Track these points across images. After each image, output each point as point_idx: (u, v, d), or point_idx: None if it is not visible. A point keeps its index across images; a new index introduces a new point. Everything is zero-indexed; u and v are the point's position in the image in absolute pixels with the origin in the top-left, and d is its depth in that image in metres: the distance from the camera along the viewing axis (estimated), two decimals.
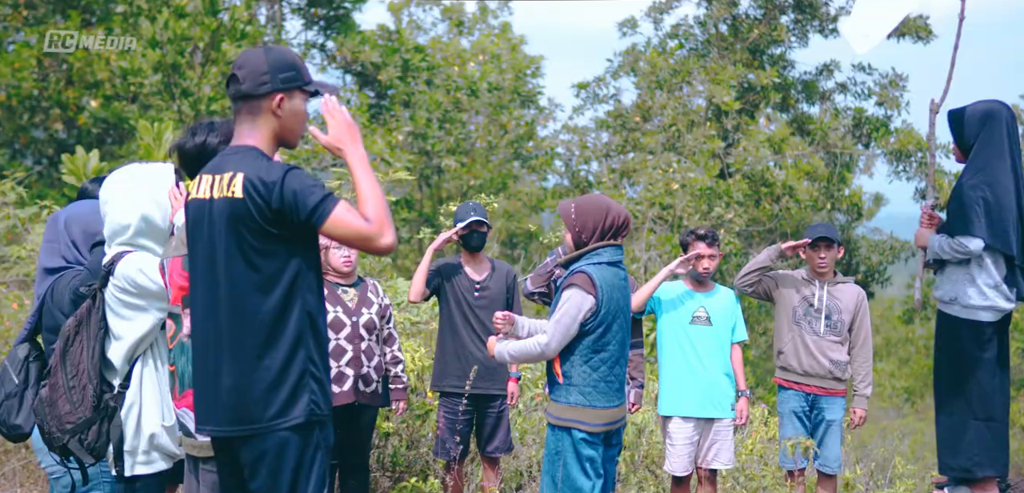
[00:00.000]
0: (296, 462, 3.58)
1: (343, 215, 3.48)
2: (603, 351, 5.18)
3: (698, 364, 7.00)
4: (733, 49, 22.19)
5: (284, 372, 3.55)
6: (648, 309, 7.13)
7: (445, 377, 7.10)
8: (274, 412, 3.55)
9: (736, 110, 21.17)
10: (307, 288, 3.62)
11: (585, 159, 23.06)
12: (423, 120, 22.81)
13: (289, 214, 3.48)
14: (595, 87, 23.27)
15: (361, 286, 6.81)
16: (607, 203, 5.31)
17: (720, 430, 7.06)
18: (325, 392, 3.66)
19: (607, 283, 5.16)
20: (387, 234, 3.51)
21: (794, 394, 7.28)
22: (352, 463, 6.75)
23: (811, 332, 7.21)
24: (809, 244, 7.26)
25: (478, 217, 7.10)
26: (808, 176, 21.27)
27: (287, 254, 3.56)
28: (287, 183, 3.48)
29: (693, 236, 7.13)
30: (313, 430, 3.63)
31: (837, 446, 7.30)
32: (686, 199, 19.24)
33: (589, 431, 5.18)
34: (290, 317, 3.57)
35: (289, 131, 3.71)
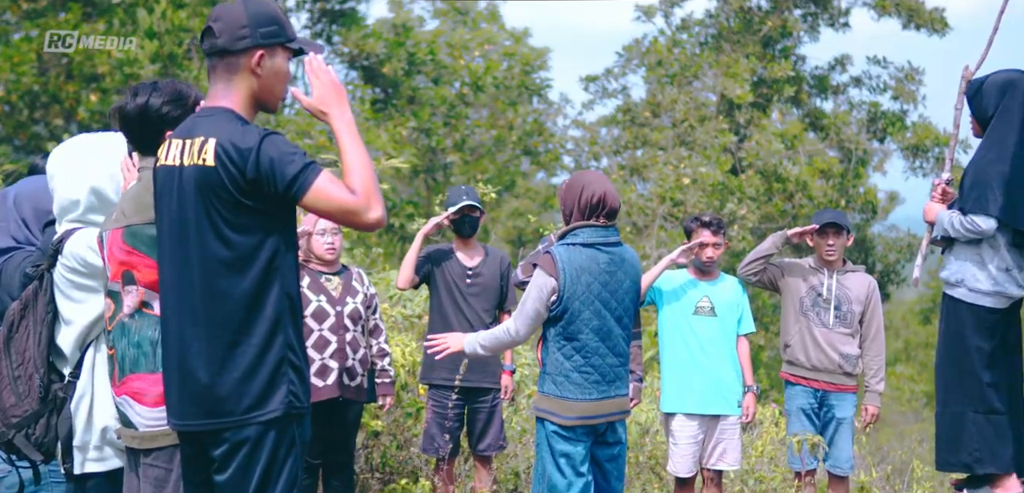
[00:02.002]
0: (269, 459, 3.25)
1: (326, 187, 3.15)
2: (575, 340, 4.89)
3: (702, 357, 6.67)
4: (744, 42, 21.82)
5: (260, 360, 3.23)
6: (648, 299, 6.80)
7: (434, 369, 6.77)
8: (249, 404, 3.22)
9: (749, 104, 20.80)
10: (287, 268, 3.30)
11: (595, 155, 22.74)
12: (428, 116, 22.52)
13: (266, 185, 3.15)
14: (604, 80, 22.94)
15: (345, 274, 6.49)
16: (585, 181, 5.01)
17: (726, 428, 6.73)
18: (305, 383, 3.33)
19: (574, 265, 4.87)
20: (375, 208, 3.17)
21: (802, 390, 6.92)
22: (336, 461, 6.43)
23: (819, 324, 6.85)
24: (816, 230, 6.91)
25: (470, 201, 6.77)
26: (822, 173, 20.92)
27: (264, 230, 3.23)
28: (264, 150, 3.14)
29: (697, 223, 6.80)
30: (290, 426, 3.30)
31: (848, 446, 6.95)
32: (697, 194, 18.92)
33: (561, 424, 4.89)
34: (267, 299, 3.24)
35: (269, 92, 3.37)
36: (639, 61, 22.57)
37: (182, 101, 3.80)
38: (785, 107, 22.24)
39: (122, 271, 3.65)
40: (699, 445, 6.71)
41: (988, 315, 5.56)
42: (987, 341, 5.58)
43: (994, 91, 5.58)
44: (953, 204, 5.73)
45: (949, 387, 5.73)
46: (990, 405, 5.60)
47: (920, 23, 21.29)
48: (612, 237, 5.00)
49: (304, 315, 6.16)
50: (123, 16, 17.81)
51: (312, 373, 6.16)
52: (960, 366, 5.66)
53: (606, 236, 4.97)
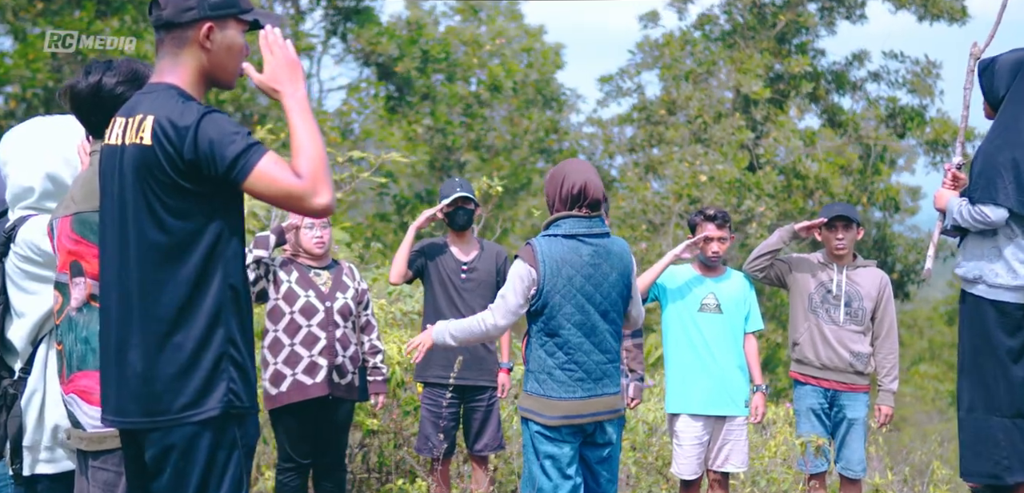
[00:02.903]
0: (206, 462, 3.00)
1: (270, 169, 2.90)
2: (557, 335, 4.67)
3: (708, 356, 6.43)
4: (759, 37, 21.52)
5: (198, 354, 2.99)
6: (652, 296, 6.55)
7: (428, 366, 6.54)
8: (185, 402, 2.98)
9: (766, 100, 20.50)
10: (230, 256, 3.04)
11: (609, 153, 22.49)
12: (443, 115, 22.31)
13: (205, 167, 2.92)
14: (619, 79, 22.68)
15: (335, 269, 6.29)
16: (566, 170, 4.80)
17: (732, 429, 6.49)
18: (248, 381, 3.08)
19: (555, 257, 4.65)
20: (322, 193, 2.93)
21: (811, 390, 6.65)
22: (327, 463, 6.22)
23: (829, 321, 6.59)
24: (825, 224, 6.64)
25: (464, 192, 6.54)
26: (842, 170, 20.60)
27: (205, 215, 2.99)
28: (202, 129, 2.91)
29: (701, 216, 6.55)
30: (230, 426, 3.04)
31: (860, 447, 6.67)
32: (714, 192, 18.64)
33: (545, 424, 4.66)
34: (207, 290, 3.00)
35: (221, 68, 3.12)
36: (652, 59, 22.30)
37: (138, 81, 3.58)
38: (803, 103, 21.90)
39: (70, 261, 3.43)
40: (704, 446, 6.47)
41: (1017, 311, 5.25)
42: (1014, 338, 5.27)
43: (1006, 71, 5.28)
44: (965, 191, 5.43)
45: (974, 391, 5.40)
46: (1020, 408, 5.28)
47: (937, 13, 20.90)
48: (597, 228, 4.77)
49: (292, 310, 6.00)
50: (135, 14, 17.66)
51: (300, 370, 5.97)
52: (985, 368, 5.33)
53: (590, 227, 4.74)
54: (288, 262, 6.18)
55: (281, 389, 6.01)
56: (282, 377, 6.00)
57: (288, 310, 6.04)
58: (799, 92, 21.42)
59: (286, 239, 6.18)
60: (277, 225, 6.23)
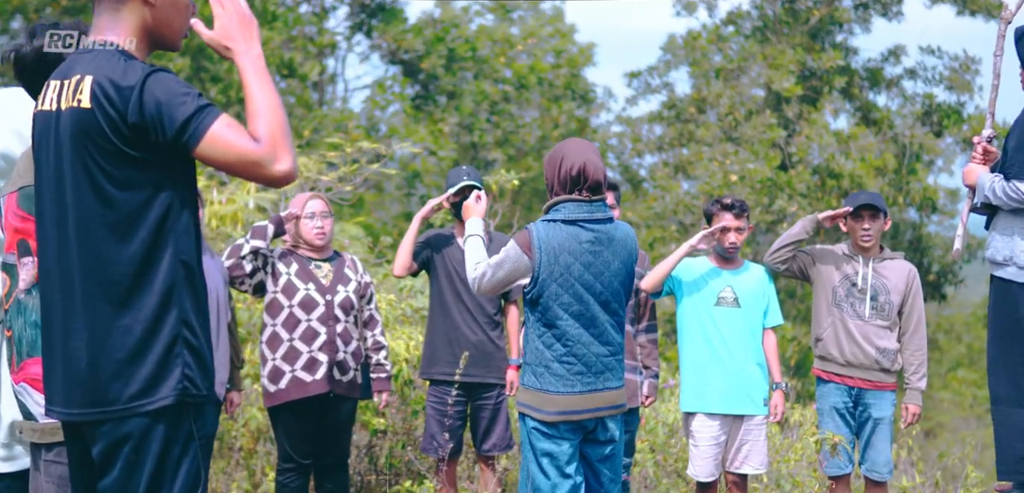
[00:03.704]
0: (159, 456, 2.75)
1: (224, 133, 2.66)
2: (554, 326, 4.42)
3: (725, 352, 6.14)
4: (791, 34, 21.13)
5: (149, 338, 2.74)
6: (666, 290, 6.27)
7: (434, 363, 6.29)
8: (135, 391, 2.73)
9: (798, 97, 20.11)
10: (183, 231, 2.80)
11: (638, 152, 22.17)
12: (469, 112, 22.08)
13: (152, 131, 2.67)
14: (647, 77, 22.35)
15: (337, 261, 6.06)
16: (565, 151, 4.54)
17: (751, 429, 6.20)
18: (204, 367, 2.84)
19: (552, 244, 4.40)
20: (282, 159, 2.68)
21: (835, 388, 6.35)
22: (328, 462, 5.99)
23: (854, 316, 6.28)
24: (850, 213, 6.33)
25: (471, 181, 6.28)
26: (877, 169, 20.18)
27: (153, 185, 2.74)
28: (148, 89, 2.66)
29: (718, 206, 6.26)
30: (184, 417, 2.80)
31: (887, 448, 6.37)
32: (746, 192, 18.29)
33: (542, 420, 4.41)
34: (158, 267, 2.75)
35: (165, 25, 2.88)
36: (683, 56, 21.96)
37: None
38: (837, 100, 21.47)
39: (17, 240, 3.22)
40: (721, 447, 6.19)
41: None
42: None
43: None
44: (996, 166, 5.11)
45: (1002, 382, 5.10)
46: None
47: (974, 8, 20.43)
48: (598, 213, 4.50)
49: (291, 303, 5.77)
50: None
51: (299, 366, 5.75)
52: (1014, 356, 5.02)
53: (591, 212, 4.48)
54: (287, 254, 5.96)
55: (280, 386, 5.79)
56: (281, 374, 5.78)
57: (287, 303, 5.82)
58: (832, 88, 21.01)
59: (285, 229, 5.96)
60: (276, 215, 6.01)
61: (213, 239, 7.73)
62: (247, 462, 7.10)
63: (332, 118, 17.99)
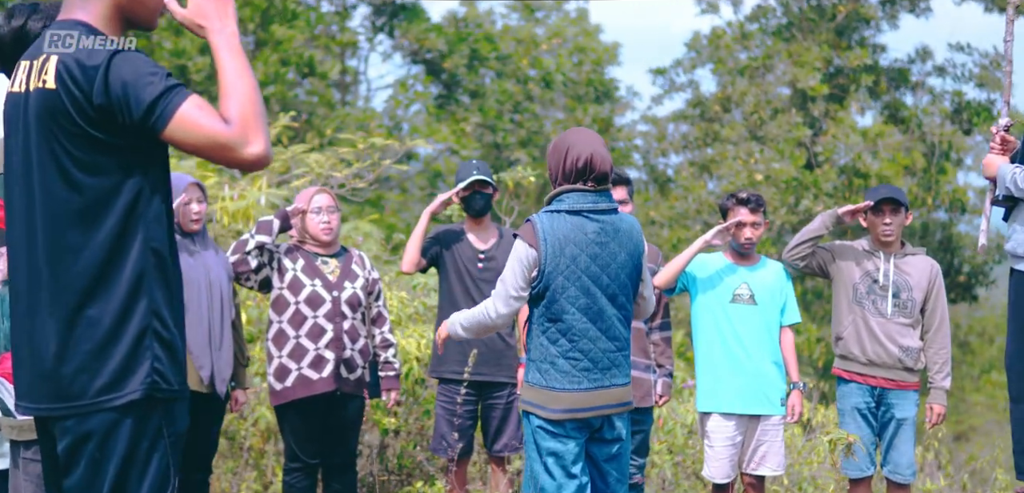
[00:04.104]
0: (126, 453, 2.64)
1: (193, 115, 2.54)
2: (560, 320, 4.26)
3: (740, 351, 5.98)
4: (818, 31, 20.86)
5: (117, 330, 2.63)
6: (680, 287, 6.11)
7: (443, 361, 6.16)
8: (102, 384, 2.62)
9: (823, 96, 19.85)
10: (153, 218, 2.68)
11: (663, 151, 21.97)
12: (493, 112, 21.94)
13: (118, 113, 2.55)
14: (672, 73, 22.14)
15: (344, 257, 5.95)
16: (570, 141, 4.38)
17: (768, 429, 6.03)
18: (176, 360, 2.72)
19: (557, 235, 4.24)
20: (254, 142, 2.56)
21: (857, 388, 6.16)
22: (336, 463, 5.88)
23: (876, 313, 6.10)
24: (871, 207, 6.15)
25: (481, 175, 6.15)
26: (905, 169, 19.90)
27: (121, 170, 2.63)
28: (115, 69, 2.55)
29: (733, 200, 6.10)
30: (153, 412, 2.68)
31: (910, 450, 6.18)
32: (771, 191, 18.07)
33: (547, 418, 4.26)
34: (127, 256, 2.65)
35: (138, 3, 2.76)
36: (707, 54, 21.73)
37: None
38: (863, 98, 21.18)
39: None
40: (737, 448, 6.03)
41: None
42: None
43: None
44: (1016, 155, 4.92)
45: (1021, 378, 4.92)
46: None
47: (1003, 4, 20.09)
48: (604, 203, 4.36)
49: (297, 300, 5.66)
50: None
51: (306, 364, 5.63)
52: None
53: (596, 202, 4.33)
54: (294, 249, 5.85)
55: (286, 384, 5.68)
56: (287, 371, 5.68)
57: (293, 300, 5.71)
58: (858, 86, 20.73)
59: (291, 225, 5.86)
60: (282, 210, 5.91)
61: (224, 236, 7.64)
62: (257, 462, 7.00)
63: (354, 117, 17.90)
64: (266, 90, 16.84)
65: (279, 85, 17.09)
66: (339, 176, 8.10)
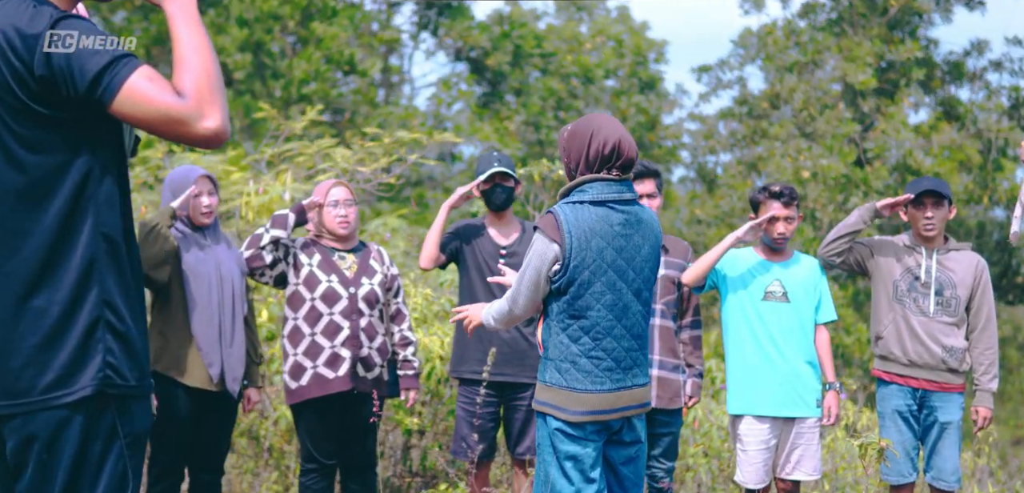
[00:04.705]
0: (76, 455, 2.46)
1: (143, 87, 2.36)
2: (583, 317, 4.01)
3: (773, 350, 5.72)
4: (868, 26, 20.39)
5: (65, 321, 2.45)
6: (709, 284, 5.86)
7: (464, 361, 5.96)
8: (50, 380, 2.44)
9: (873, 90, 19.40)
10: (105, 201, 2.50)
11: (711, 149, 21.61)
12: (536, 109, 21.73)
13: (62, 85, 2.39)
14: (718, 71, 21.76)
15: (362, 252, 5.76)
16: (595, 126, 4.11)
17: (802, 432, 5.77)
18: (132, 354, 2.54)
19: (582, 227, 3.98)
20: (209, 116, 2.39)
21: (897, 390, 5.89)
22: (354, 463, 5.70)
23: (917, 312, 5.82)
24: (912, 200, 5.87)
25: (502, 167, 5.93)
26: (960, 165, 19.40)
27: (68, 148, 2.45)
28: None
29: (765, 193, 5.83)
30: (107, 410, 2.50)
31: (954, 455, 5.89)
32: (818, 188, 17.67)
33: (567, 420, 4.01)
34: (75, 241, 2.47)
35: None
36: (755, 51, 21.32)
37: None
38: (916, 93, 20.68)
39: None
40: (771, 452, 5.77)
41: None
42: None
43: None
44: None
45: None
46: None
47: None
48: (627, 193, 4.11)
49: (313, 296, 5.49)
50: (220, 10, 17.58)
51: (321, 362, 5.45)
52: None
53: (620, 192, 4.08)
54: (310, 244, 5.68)
55: (301, 383, 5.51)
56: (302, 370, 5.51)
57: (309, 296, 5.54)
58: (910, 81, 20.24)
59: (307, 218, 5.69)
60: (297, 203, 5.74)
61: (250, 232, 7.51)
62: (279, 462, 6.84)
63: (396, 116, 17.78)
64: (307, 88, 16.77)
65: (320, 83, 17.01)
66: (365, 171, 7.93)
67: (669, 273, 5.83)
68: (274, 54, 17.09)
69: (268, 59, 16.79)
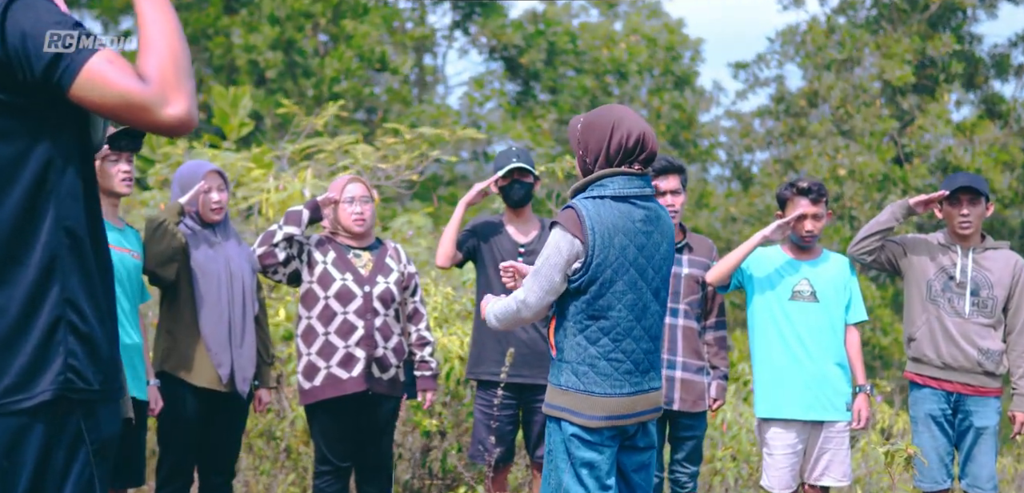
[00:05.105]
0: (38, 463, 2.31)
1: (103, 71, 2.21)
2: (603, 318, 3.82)
3: (801, 352, 5.53)
4: (908, 21, 20.03)
5: (25, 321, 2.31)
6: (735, 283, 5.68)
7: (481, 362, 5.80)
8: (9, 384, 2.29)
9: (911, 86, 19.05)
10: (67, 193, 2.35)
11: (748, 147, 21.32)
12: (569, 107, 21.55)
13: (18, 68, 2.24)
14: (755, 68, 21.46)
15: (379, 250, 5.62)
16: (616, 117, 3.90)
17: (831, 437, 5.58)
18: (96, 357, 2.39)
19: (606, 223, 3.79)
20: (174, 102, 2.23)
21: (931, 393, 5.69)
22: (368, 466, 5.57)
23: (952, 313, 5.61)
24: (947, 197, 5.66)
25: (521, 163, 5.77)
26: (1004, 165, 19.01)
27: (27, 135, 2.30)
28: (12, 18, 2.23)
29: (792, 190, 5.64)
30: (71, 415, 2.35)
31: (991, 461, 5.69)
32: (855, 186, 17.36)
33: (583, 425, 3.83)
34: (35, 236, 2.32)
35: None
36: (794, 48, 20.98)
37: None
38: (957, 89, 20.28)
39: None
40: (799, 457, 5.58)
41: None
42: None
43: None
44: None
45: None
46: None
47: None
48: (647, 189, 3.94)
49: (327, 294, 5.37)
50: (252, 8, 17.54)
51: (335, 363, 5.32)
52: None
53: (641, 187, 3.90)
54: (325, 241, 5.55)
55: (314, 383, 5.39)
56: (316, 370, 5.38)
57: (322, 295, 5.42)
58: (950, 77, 19.85)
59: (322, 215, 5.56)
60: (312, 199, 5.61)
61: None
62: (296, 463, 6.73)
63: (429, 115, 17.68)
64: (339, 86, 16.69)
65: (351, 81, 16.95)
66: (386, 168, 7.81)
67: (693, 272, 5.66)
68: (306, 52, 17.02)
69: (300, 57, 16.73)
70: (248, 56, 16.24)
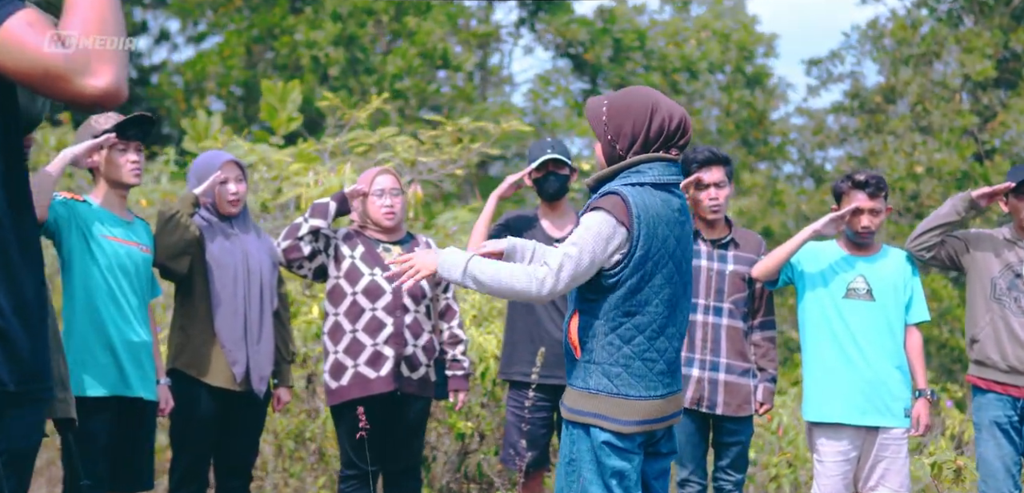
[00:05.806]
0: None
1: (19, 32, 1.98)
2: (640, 313, 3.50)
3: (856, 353, 5.21)
4: (991, 15, 19.33)
5: None
6: (785, 279, 5.36)
7: (514, 363, 5.55)
8: None
9: (992, 80, 18.37)
10: None
11: (820, 144, 20.76)
12: None
13: None
14: (829, 64, 20.88)
15: (409, 244, 5.41)
16: (654, 100, 3.59)
17: (888, 444, 5.24)
18: (11, 353, 2.15)
19: (651, 213, 3.48)
20: (97, 73, 1.97)
21: (996, 398, 5.34)
22: (396, 469, 5.36)
23: (1018, 312, 5.26)
24: (1013, 189, 5.28)
25: (556, 154, 5.51)
26: None
27: None
28: None
29: (849, 183, 5.31)
30: None
31: None
32: (933, 184, 16.76)
33: (616, 431, 3.51)
34: None
35: None
36: (872, 43, 20.35)
37: None
38: None
39: None
40: (852, 464, 5.26)
41: None
42: None
43: None
44: None
45: None
46: None
47: None
48: (681, 177, 3.68)
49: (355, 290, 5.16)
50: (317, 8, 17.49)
51: (363, 361, 5.12)
52: None
53: (677, 174, 3.63)
54: (353, 235, 5.35)
55: (341, 383, 5.19)
56: (343, 369, 5.19)
57: (350, 290, 5.22)
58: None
59: (350, 208, 5.36)
60: (339, 192, 5.41)
61: None
62: (328, 466, 6.54)
63: (492, 112, 17.49)
64: (401, 83, 16.55)
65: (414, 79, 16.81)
66: (429, 162, 7.58)
67: (738, 269, 5.36)
68: (368, 48, 16.92)
69: (362, 54, 16.62)
70: (310, 52, 16.17)
